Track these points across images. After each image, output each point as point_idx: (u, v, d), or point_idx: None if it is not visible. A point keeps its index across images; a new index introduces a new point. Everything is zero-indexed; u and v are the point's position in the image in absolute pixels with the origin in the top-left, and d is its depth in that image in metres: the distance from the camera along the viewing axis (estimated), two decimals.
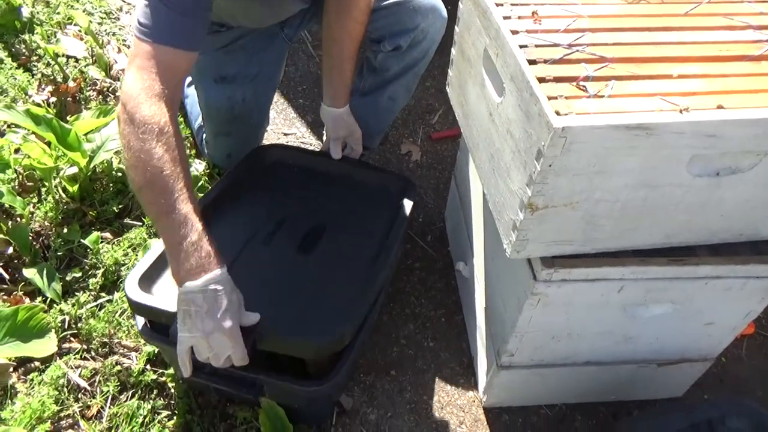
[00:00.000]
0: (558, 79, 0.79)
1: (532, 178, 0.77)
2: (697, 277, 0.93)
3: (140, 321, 1.03)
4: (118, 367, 1.18)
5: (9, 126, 1.52)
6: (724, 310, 1.01)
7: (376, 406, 1.21)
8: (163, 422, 1.13)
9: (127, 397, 1.16)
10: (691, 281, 0.94)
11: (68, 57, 1.81)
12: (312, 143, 1.76)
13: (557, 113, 0.72)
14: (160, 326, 1.06)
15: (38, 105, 1.62)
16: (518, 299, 0.97)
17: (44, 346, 1.02)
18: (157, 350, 1.20)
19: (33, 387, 1.12)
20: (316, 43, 2.08)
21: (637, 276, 0.92)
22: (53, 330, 1.06)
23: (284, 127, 1.80)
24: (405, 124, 1.84)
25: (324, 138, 1.43)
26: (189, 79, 1.61)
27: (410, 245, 1.51)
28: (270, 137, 1.75)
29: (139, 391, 1.17)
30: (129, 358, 1.21)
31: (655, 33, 0.89)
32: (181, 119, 1.69)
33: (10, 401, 1.09)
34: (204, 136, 1.55)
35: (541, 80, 0.78)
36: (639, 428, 1.03)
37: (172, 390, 1.18)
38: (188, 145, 1.63)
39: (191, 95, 1.65)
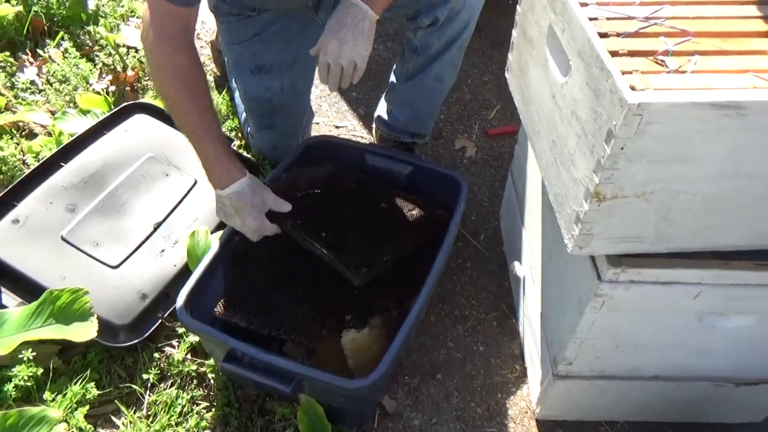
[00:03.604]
0: (633, 53, 0.71)
1: (600, 163, 0.69)
2: None
3: (181, 308, 1.00)
4: (159, 355, 1.16)
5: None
6: None
7: (420, 411, 1.14)
8: (201, 413, 1.10)
9: (167, 386, 1.14)
10: None
11: (129, 47, 1.84)
12: (364, 136, 1.72)
13: (632, 88, 0.64)
14: (201, 316, 1.03)
15: (98, 93, 1.65)
16: (579, 301, 0.88)
17: (85, 330, 1.01)
18: (198, 339, 1.17)
19: (75, 370, 1.12)
20: None
21: (718, 281, 0.81)
22: (95, 314, 1.05)
23: (336, 119, 1.76)
24: (460, 119, 1.77)
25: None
26: None
27: (462, 243, 1.43)
28: (321, 129, 1.72)
29: (179, 381, 1.14)
30: (171, 346, 1.19)
31: (742, 6, 0.79)
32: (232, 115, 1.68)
33: (52, 383, 1.08)
34: (249, 129, 1.53)
35: (614, 54, 0.70)
36: None
37: (212, 381, 1.15)
38: (238, 136, 1.61)
39: (237, 95, 1.64)
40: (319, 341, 1.06)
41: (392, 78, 1.51)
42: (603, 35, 0.73)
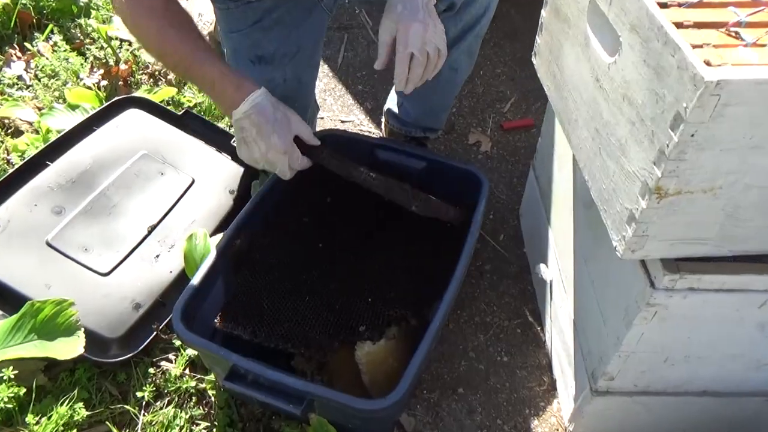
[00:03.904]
0: (700, 25, 0.61)
1: (664, 153, 0.59)
2: None
3: (177, 323, 0.90)
4: (154, 370, 1.06)
5: None
6: None
7: (441, 429, 1.04)
8: None
9: (163, 405, 1.04)
10: None
11: (122, 40, 1.74)
12: (371, 131, 1.62)
13: (707, 64, 0.54)
14: (200, 328, 0.94)
15: (88, 88, 1.55)
16: (626, 311, 0.78)
17: (71, 346, 0.91)
18: (197, 353, 1.07)
19: (62, 388, 1.02)
20: (377, 27, 1.94)
21: None
22: (82, 328, 0.94)
23: (341, 114, 1.66)
24: (473, 112, 1.67)
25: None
26: None
27: (480, 244, 1.33)
28: (327, 124, 1.62)
29: (177, 399, 1.04)
30: (168, 360, 1.09)
31: None
32: None
33: (36, 403, 0.98)
34: None
35: (678, 26, 0.60)
36: None
37: (213, 399, 1.05)
38: None
39: None
40: (331, 355, 0.96)
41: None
42: (662, 5, 0.63)
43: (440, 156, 1.35)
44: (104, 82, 1.59)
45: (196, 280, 0.96)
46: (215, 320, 0.98)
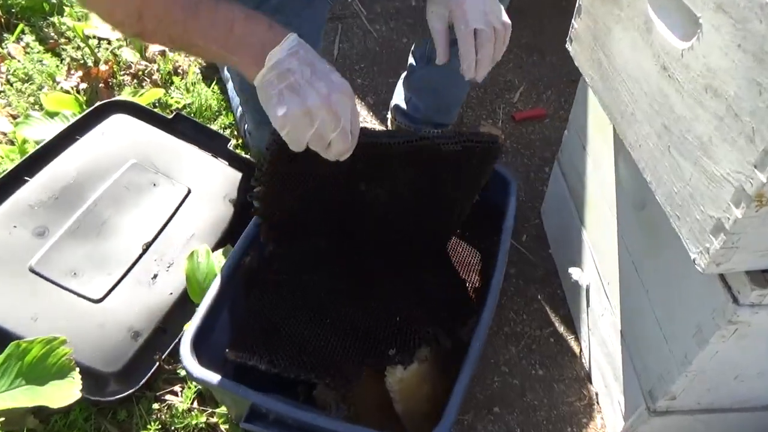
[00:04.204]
0: None
1: None
2: None
3: (188, 359, 0.80)
4: (158, 405, 0.96)
5: None
6: None
7: None
8: None
9: None
10: None
11: (100, 39, 1.61)
12: (375, 127, 1.51)
13: None
14: (210, 361, 0.83)
15: (66, 92, 1.42)
16: (699, 328, 0.69)
17: (65, 390, 0.80)
18: None
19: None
20: (371, 16, 1.84)
21: None
22: (76, 369, 0.84)
23: None
24: (481, 103, 1.58)
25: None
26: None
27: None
28: None
29: None
30: (173, 394, 0.99)
31: None
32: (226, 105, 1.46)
33: None
34: (246, 126, 1.32)
35: None
36: None
37: None
38: (234, 135, 1.40)
39: (231, 85, 1.42)
40: (358, 383, 0.86)
41: (410, 60, 1.31)
42: None
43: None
44: (84, 85, 1.46)
45: (203, 308, 0.86)
46: (227, 350, 0.88)
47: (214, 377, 0.78)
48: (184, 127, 1.29)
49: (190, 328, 0.83)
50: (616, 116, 0.77)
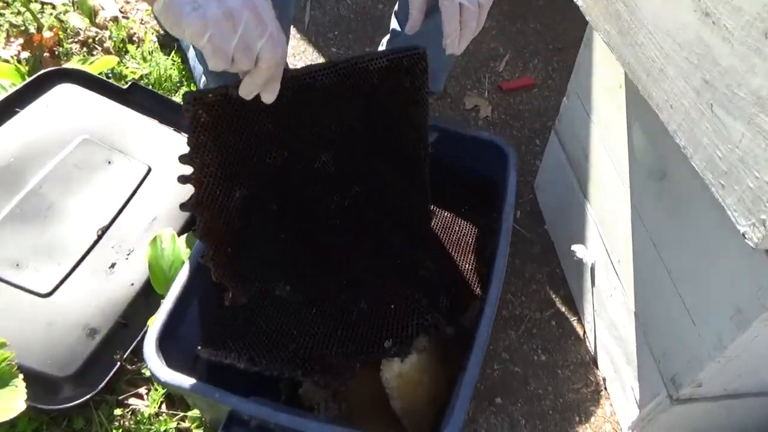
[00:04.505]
0: None
1: None
2: None
3: (153, 359, 0.69)
4: (121, 411, 0.85)
5: None
6: None
7: None
8: None
9: None
10: None
11: (43, 3, 1.44)
12: None
13: None
14: (180, 360, 0.73)
15: (6, 61, 1.26)
16: (739, 310, 0.62)
17: (7, 401, 0.68)
18: None
19: None
20: None
21: None
22: (20, 375, 0.71)
23: None
24: (465, 73, 1.48)
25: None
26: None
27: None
28: None
29: None
30: (138, 397, 0.87)
31: None
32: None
33: None
34: None
35: None
36: None
37: None
38: None
39: (193, 53, 1.29)
40: (352, 379, 0.77)
41: (393, 25, 1.20)
42: None
43: (454, 125, 1.15)
44: (25, 54, 1.30)
45: (169, 300, 0.75)
46: (198, 347, 0.77)
47: (184, 380, 0.67)
48: (142, 98, 1.15)
49: (154, 324, 0.71)
50: (640, 75, 0.68)
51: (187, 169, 0.68)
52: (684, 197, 0.70)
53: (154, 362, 0.68)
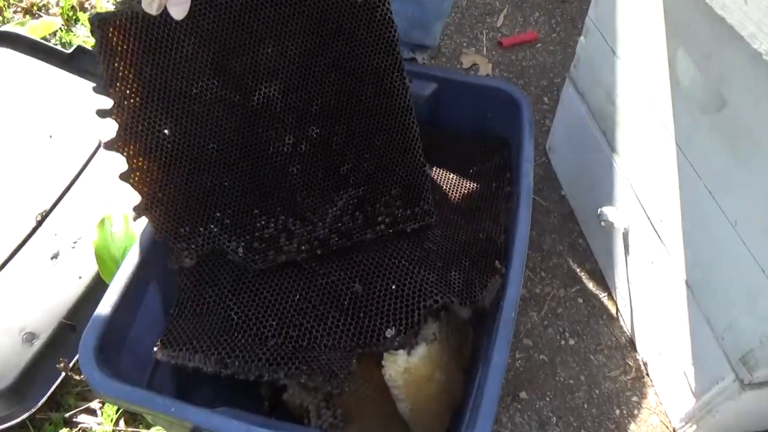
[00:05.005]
0: None
1: None
2: None
3: (89, 366, 0.53)
4: (68, 431, 0.69)
5: None
6: None
7: None
8: None
9: None
10: None
11: None
12: None
13: None
14: (132, 366, 0.58)
15: None
16: None
17: None
18: None
19: None
20: None
21: None
22: None
23: None
24: (460, 29, 1.33)
25: None
26: None
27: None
28: None
29: None
30: (89, 413, 0.72)
31: None
32: None
33: None
34: None
35: None
36: None
37: None
38: None
39: None
40: (348, 379, 0.62)
41: None
42: None
43: (455, 72, 1.00)
44: None
45: (114, 292, 0.60)
46: (155, 348, 0.62)
47: (128, 391, 0.52)
48: (90, 64, 0.99)
49: (91, 323, 0.56)
50: None
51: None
52: (753, 127, 0.56)
53: (89, 369, 0.53)
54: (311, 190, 0.66)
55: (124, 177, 0.60)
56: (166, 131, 0.59)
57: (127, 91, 0.57)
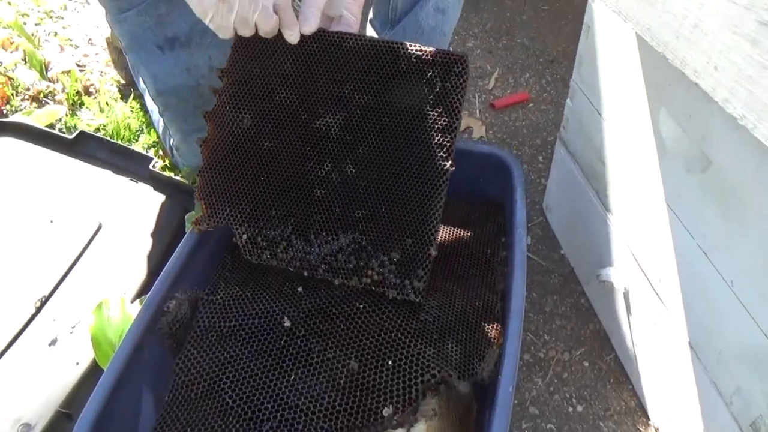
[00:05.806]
0: None
1: None
2: None
3: None
4: None
5: None
6: None
7: None
8: None
9: None
10: None
11: None
12: None
13: None
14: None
15: None
16: None
17: None
18: None
19: None
20: None
21: None
22: None
23: None
24: None
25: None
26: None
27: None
28: None
29: None
30: None
31: None
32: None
33: None
34: (171, 141, 1.06)
35: None
36: None
37: None
38: (159, 154, 1.14)
39: (148, 97, 1.17)
40: None
41: (371, 32, 1.10)
42: None
43: None
44: None
45: (109, 376, 0.59)
46: None
47: None
48: (92, 148, 1.02)
49: (84, 413, 0.56)
50: (667, 39, 0.55)
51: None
52: (738, 187, 0.56)
53: None
54: (324, 216, 0.68)
55: (197, 140, 0.71)
56: (244, 119, 0.71)
57: (234, 81, 0.71)
